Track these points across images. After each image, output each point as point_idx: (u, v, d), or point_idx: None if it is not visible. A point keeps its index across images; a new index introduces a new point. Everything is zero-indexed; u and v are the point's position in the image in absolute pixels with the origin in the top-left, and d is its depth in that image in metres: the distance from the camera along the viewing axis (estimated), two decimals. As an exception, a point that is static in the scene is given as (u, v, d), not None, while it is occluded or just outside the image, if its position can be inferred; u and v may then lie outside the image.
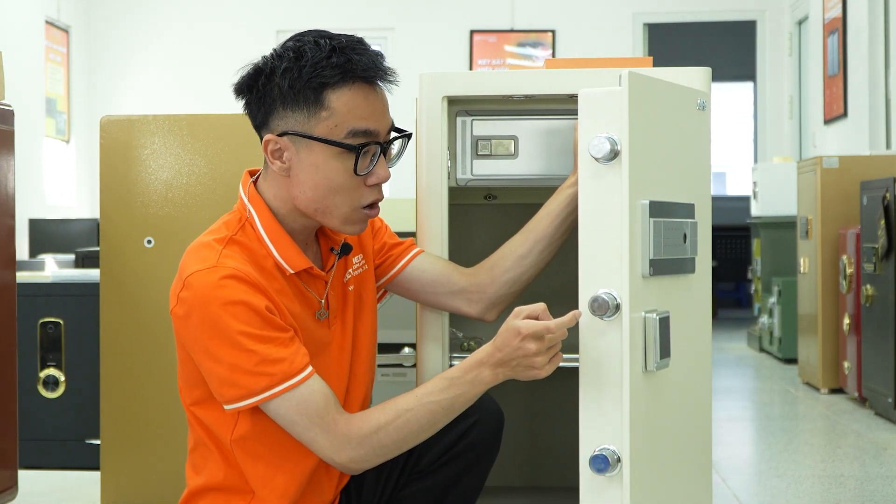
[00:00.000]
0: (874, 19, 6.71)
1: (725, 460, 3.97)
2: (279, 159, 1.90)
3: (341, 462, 1.85)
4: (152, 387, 2.94)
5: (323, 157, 1.87)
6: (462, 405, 1.86)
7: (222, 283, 1.80)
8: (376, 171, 1.91)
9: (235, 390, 1.81)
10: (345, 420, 1.84)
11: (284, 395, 1.81)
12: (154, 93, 9.88)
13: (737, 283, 11.28)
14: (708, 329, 2.11)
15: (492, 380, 1.84)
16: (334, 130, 1.86)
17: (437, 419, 1.85)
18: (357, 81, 1.87)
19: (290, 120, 1.87)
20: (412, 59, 9.40)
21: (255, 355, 1.79)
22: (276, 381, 1.80)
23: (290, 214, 1.94)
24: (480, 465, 2.04)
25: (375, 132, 1.89)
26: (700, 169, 2.07)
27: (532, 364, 1.81)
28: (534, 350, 1.80)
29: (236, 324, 1.79)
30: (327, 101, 1.85)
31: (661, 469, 1.88)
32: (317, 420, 1.82)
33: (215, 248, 1.86)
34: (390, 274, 2.15)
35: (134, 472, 2.96)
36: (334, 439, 1.83)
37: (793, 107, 9.16)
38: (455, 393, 1.84)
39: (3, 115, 2.86)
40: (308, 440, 1.85)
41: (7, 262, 2.85)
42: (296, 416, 1.82)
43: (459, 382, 1.84)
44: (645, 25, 9.66)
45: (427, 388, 1.86)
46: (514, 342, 1.80)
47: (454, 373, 1.86)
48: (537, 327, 1.79)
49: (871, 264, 4.77)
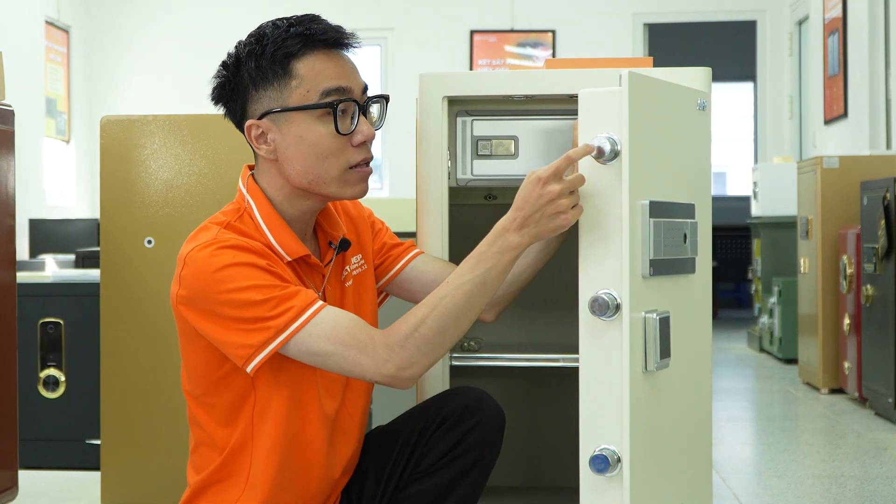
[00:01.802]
0: (874, 19, 6.71)
1: (725, 460, 3.97)
2: (264, 143, 1.93)
3: (391, 374, 1.81)
4: (152, 387, 2.94)
5: (304, 125, 1.90)
6: (495, 278, 1.83)
7: (222, 251, 1.83)
8: (360, 129, 1.93)
9: (260, 335, 1.80)
10: (381, 332, 1.83)
11: (311, 327, 1.80)
12: (154, 93, 9.88)
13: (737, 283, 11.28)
14: (708, 329, 2.11)
15: (518, 243, 1.82)
16: (307, 95, 1.90)
17: (474, 298, 1.83)
18: (319, 46, 1.92)
19: (264, 100, 1.92)
20: (412, 60, 9.40)
21: (270, 300, 1.79)
22: (298, 311, 1.80)
23: (287, 200, 1.95)
24: (481, 466, 2.04)
25: (348, 89, 1.92)
26: (700, 169, 2.07)
27: (558, 208, 1.79)
28: (558, 191, 1.78)
29: (243, 280, 1.80)
30: (294, 70, 1.90)
31: (662, 469, 1.88)
32: (352, 342, 1.81)
33: (213, 229, 1.89)
34: (390, 274, 2.15)
35: (134, 472, 2.96)
36: (375, 353, 1.80)
37: (793, 107, 9.16)
38: (486, 267, 1.83)
39: (4, 115, 2.86)
40: (351, 368, 1.82)
41: (7, 262, 2.85)
42: (330, 346, 1.81)
43: (487, 256, 1.83)
44: (645, 25, 9.66)
45: (458, 271, 1.84)
46: (536, 190, 1.79)
47: (481, 248, 1.84)
48: (556, 164, 1.79)
49: (872, 264, 4.77)
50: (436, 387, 2.22)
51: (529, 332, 2.67)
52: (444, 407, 2.03)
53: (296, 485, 1.94)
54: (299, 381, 1.90)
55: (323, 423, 1.95)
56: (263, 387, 1.89)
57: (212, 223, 1.91)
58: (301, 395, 1.92)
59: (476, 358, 2.32)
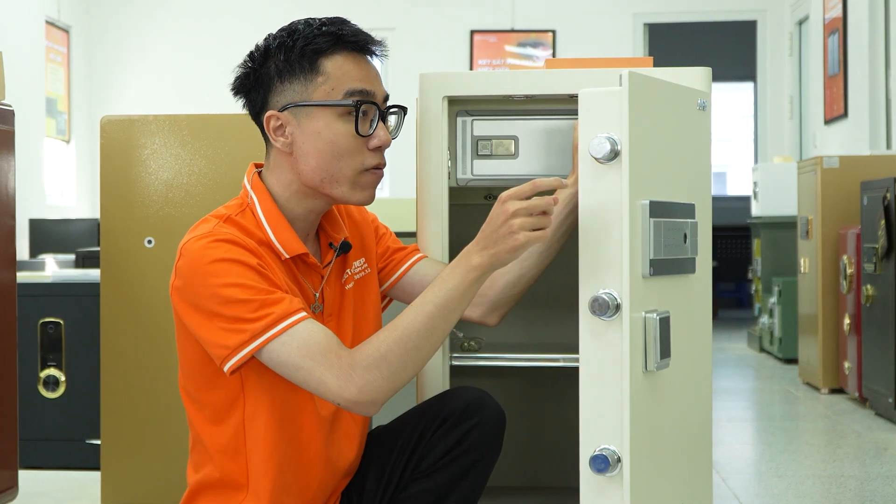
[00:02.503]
0: (874, 19, 6.71)
1: (726, 460, 3.97)
2: (282, 135, 1.94)
3: (352, 397, 1.80)
4: (152, 387, 2.94)
5: (324, 121, 1.91)
6: (458, 299, 1.83)
7: (216, 244, 1.83)
8: (378, 134, 1.94)
9: (237, 336, 1.80)
10: (348, 353, 1.82)
11: (286, 337, 1.79)
12: (154, 93, 9.89)
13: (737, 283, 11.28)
14: (708, 329, 2.11)
15: (479, 263, 1.83)
16: (331, 93, 1.91)
17: (435, 321, 1.82)
18: (348, 48, 1.94)
19: (288, 92, 1.92)
20: (412, 59, 9.40)
21: (252, 301, 1.80)
22: (276, 318, 1.79)
23: (293, 198, 1.96)
24: (482, 466, 2.03)
25: (371, 93, 1.94)
26: (700, 169, 2.07)
27: (510, 229, 1.80)
28: (511, 211, 1.80)
29: (231, 276, 1.80)
30: (322, 67, 1.92)
31: (662, 469, 1.88)
32: (321, 359, 1.80)
33: (212, 222, 1.90)
34: (392, 278, 2.16)
35: (134, 472, 2.96)
36: (340, 373, 1.80)
37: (793, 107, 9.16)
38: (447, 288, 1.83)
39: (4, 115, 2.87)
40: (315, 384, 1.81)
41: (7, 262, 2.85)
42: (299, 359, 1.80)
43: (450, 277, 1.84)
44: (645, 25, 9.67)
45: (422, 295, 1.85)
46: (497, 209, 1.82)
47: (445, 271, 1.86)
48: (520, 187, 1.82)
49: (872, 264, 4.77)
50: (436, 387, 2.22)
51: (529, 332, 2.67)
52: (444, 407, 2.03)
53: (296, 488, 1.94)
54: (288, 382, 1.89)
55: (319, 425, 1.94)
56: (252, 388, 1.89)
57: (212, 216, 1.92)
58: (292, 398, 1.91)
59: (476, 358, 2.32)
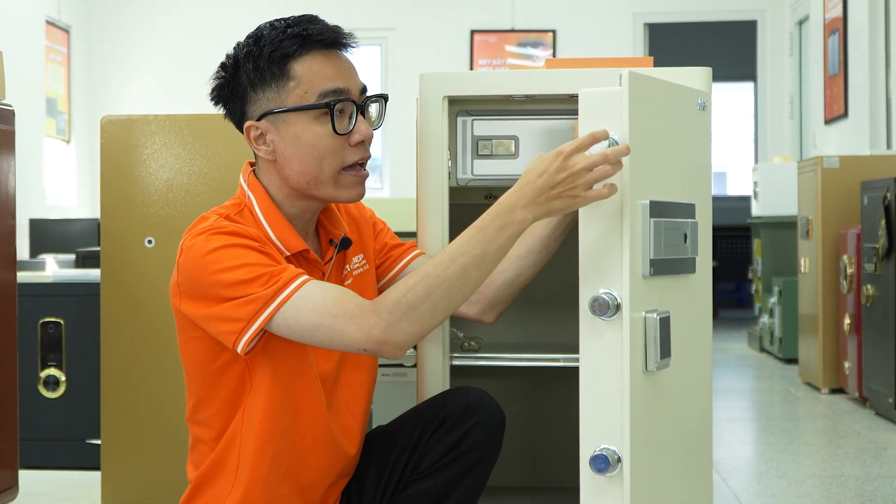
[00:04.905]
0: (874, 19, 6.71)
1: (726, 460, 3.96)
2: (263, 144, 1.94)
3: (377, 338, 1.77)
4: (152, 387, 2.94)
5: (302, 125, 1.91)
6: (495, 252, 1.78)
7: (215, 235, 1.84)
8: (358, 129, 1.93)
9: (249, 307, 1.79)
10: (369, 301, 1.80)
11: (299, 300, 1.78)
12: (154, 92, 9.88)
13: (737, 283, 11.28)
14: (708, 329, 2.11)
15: (523, 219, 1.75)
16: (305, 96, 1.91)
17: (469, 272, 1.77)
18: (316, 47, 1.92)
19: (262, 101, 1.92)
20: (412, 59, 9.40)
21: (259, 277, 1.80)
22: (284, 283, 1.79)
23: (287, 199, 1.96)
24: (482, 466, 2.04)
25: (345, 90, 1.92)
26: (700, 169, 2.07)
27: (575, 183, 1.71)
28: (582, 166, 1.72)
29: (233, 260, 1.81)
30: (292, 71, 1.91)
31: (662, 469, 1.88)
32: (340, 312, 1.78)
33: (211, 217, 1.91)
34: (390, 274, 2.16)
35: (134, 472, 2.96)
36: (363, 320, 1.77)
37: (793, 107, 9.16)
38: (485, 241, 1.77)
39: (4, 115, 2.86)
40: (339, 339, 1.78)
41: (7, 262, 2.85)
42: (317, 317, 1.78)
43: (489, 230, 1.77)
44: (645, 25, 9.66)
45: (456, 242, 1.79)
46: (556, 163, 1.73)
47: (483, 221, 1.78)
48: (580, 140, 1.72)
49: (872, 264, 4.77)
50: (436, 387, 2.22)
51: (529, 332, 2.67)
52: (444, 407, 2.03)
53: (291, 476, 1.94)
54: (294, 372, 1.90)
55: (318, 415, 1.95)
56: (258, 376, 1.89)
57: (212, 212, 1.93)
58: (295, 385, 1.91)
59: (476, 358, 2.32)
